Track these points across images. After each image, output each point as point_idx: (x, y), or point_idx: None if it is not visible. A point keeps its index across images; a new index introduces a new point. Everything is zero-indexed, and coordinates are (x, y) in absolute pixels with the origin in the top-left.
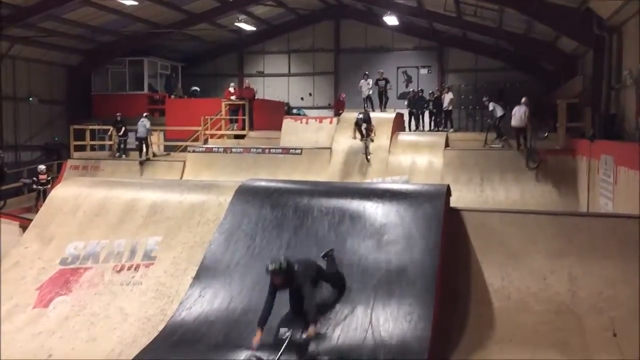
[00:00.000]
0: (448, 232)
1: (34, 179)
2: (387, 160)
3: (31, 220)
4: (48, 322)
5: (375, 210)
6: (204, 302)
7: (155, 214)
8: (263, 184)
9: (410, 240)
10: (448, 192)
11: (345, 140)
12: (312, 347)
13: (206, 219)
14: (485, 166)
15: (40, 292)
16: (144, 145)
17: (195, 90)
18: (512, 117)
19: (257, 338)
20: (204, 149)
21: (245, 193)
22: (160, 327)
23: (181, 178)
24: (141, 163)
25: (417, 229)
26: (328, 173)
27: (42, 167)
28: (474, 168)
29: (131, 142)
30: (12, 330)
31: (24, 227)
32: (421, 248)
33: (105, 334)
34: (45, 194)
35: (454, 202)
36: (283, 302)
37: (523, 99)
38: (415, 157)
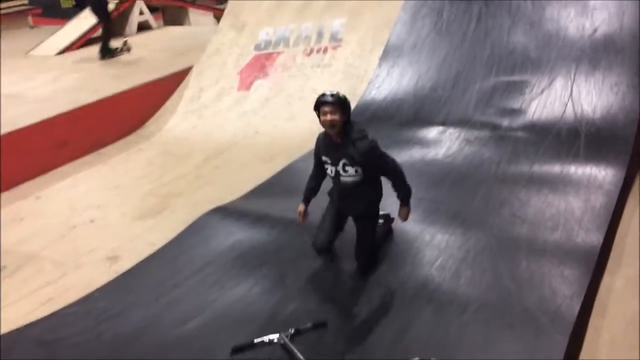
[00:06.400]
0: None
1: None
2: None
3: (222, 10)
4: (251, 103)
5: None
6: (392, 81)
7: None
8: None
9: (622, 4)
10: None
11: None
12: (505, 122)
13: None
14: None
15: (241, 76)
16: None
17: None
18: None
19: (301, 212)
20: None
21: None
22: (352, 106)
23: None
24: None
25: None
26: None
27: None
28: None
29: None
30: (222, 110)
31: (217, 18)
32: (634, 12)
33: (302, 113)
34: None
35: None
36: None
37: None
38: None
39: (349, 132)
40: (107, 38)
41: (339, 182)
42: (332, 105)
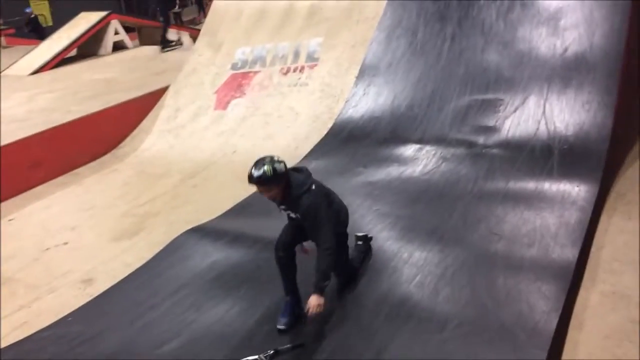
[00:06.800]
0: (637, 12)
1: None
2: None
3: (198, 30)
4: (228, 122)
5: None
6: (369, 100)
7: (314, 15)
8: None
9: (592, 24)
10: None
11: None
12: (480, 139)
13: (365, 17)
14: None
15: (218, 95)
16: None
17: None
18: None
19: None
20: None
21: None
22: (330, 125)
23: None
24: None
25: (599, 11)
26: None
27: None
28: None
29: None
30: (199, 129)
31: (193, 37)
32: (604, 31)
33: (280, 131)
34: (202, 6)
35: None
36: None
37: None
38: None
39: (290, 191)
40: (165, 32)
41: (293, 220)
42: (261, 186)
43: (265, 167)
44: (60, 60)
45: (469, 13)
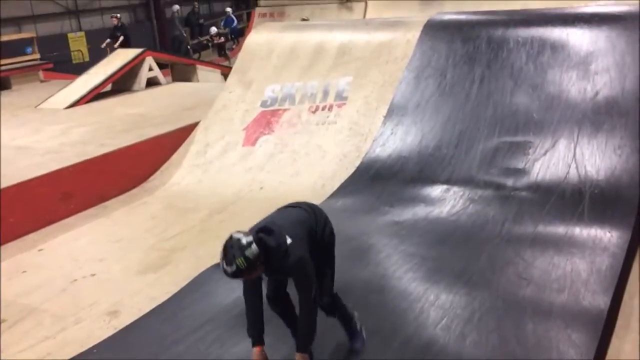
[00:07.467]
0: None
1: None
2: None
3: (229, 67)
4: (256, 158)
5: (580, 37)
6: (397, 139)
7: (344, 54)
8: (453, 17)
9: (623, 68)
10: None
11: None
12: (509, 182)
13: (394, 57)
14: None
15: (247, 132)
16: None
17: None
18: None
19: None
20: None
21: (434, 28)
22: (357, 163)
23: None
24: None
25: (631, 55)
26: None
27: (213, 29)
28: None
29: None
30: (228, 165)
31: (224, 75)
32: (635, 75)
33: (307, 169)
34: (223, 50)
35: None
36: None
37: None
38: None
39: (272, 261)
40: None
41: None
42: (242, 277)
43: (237, 261)
44: (95, 95)
45: (499, 56)
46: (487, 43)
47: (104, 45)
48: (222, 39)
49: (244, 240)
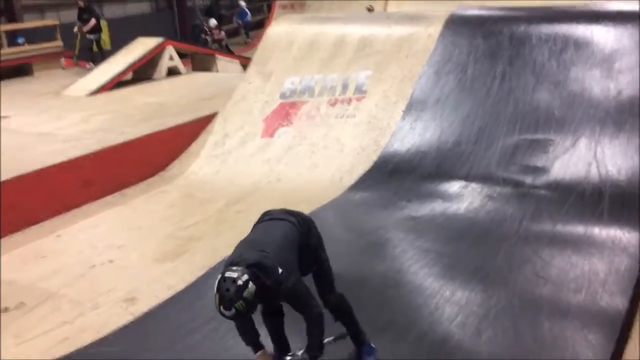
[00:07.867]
0: None
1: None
2: None
3: (249, 58)
4: (274, 150)
5: (605, 35)
6: (415, 134)
7: (364, 47)
8: (475, 12)
9: None
10: None
11: None
12: (528, 179)
13: (415, 51)
14: None
15: (266, 123)
16: None
17: None
18: None
19: None
20: None
21: (456, 23)
22: (375, 157)
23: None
24: None
25: None
26: None
27: (212, 22)
28: None
29: None
30: (245, 156)
31: (244, 65)
32: None
33: (325, 161)
34: (227, 47)
35: None
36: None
37: None
38: None
39: (266, 293)
40: None
41: None
42: (239, 319)
43: (237, 305)
44: (116, 83)
45: (521, 52)
46: (509, 39)
47: (75, 29)
48: (222, 34)
49: (240, 281)
